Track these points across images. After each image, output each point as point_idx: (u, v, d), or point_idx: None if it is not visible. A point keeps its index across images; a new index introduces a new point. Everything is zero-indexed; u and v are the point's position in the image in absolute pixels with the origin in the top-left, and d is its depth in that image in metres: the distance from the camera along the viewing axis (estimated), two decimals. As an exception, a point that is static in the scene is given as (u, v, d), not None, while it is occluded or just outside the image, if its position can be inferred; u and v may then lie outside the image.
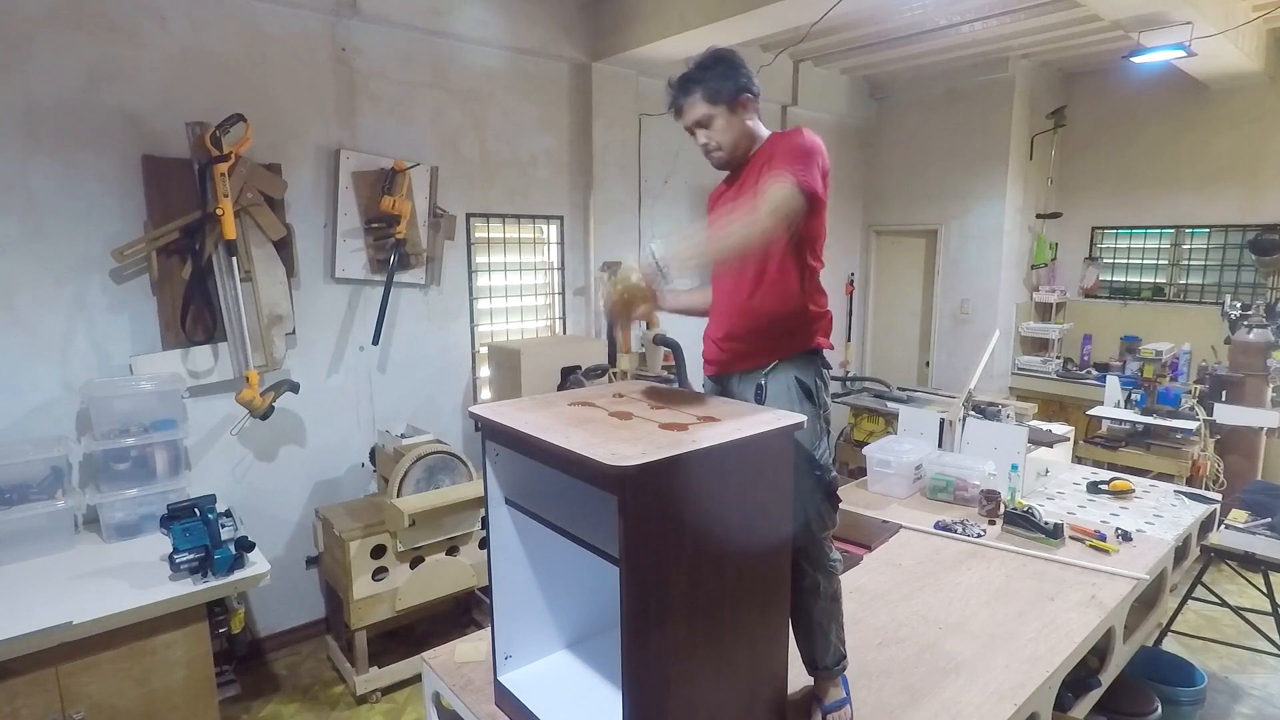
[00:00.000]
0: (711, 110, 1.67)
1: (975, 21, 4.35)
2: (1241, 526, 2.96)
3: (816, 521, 1.65)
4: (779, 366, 1.67)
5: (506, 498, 1.68)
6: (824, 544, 1.69)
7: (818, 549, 1.67)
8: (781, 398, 1.64)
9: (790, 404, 1.62)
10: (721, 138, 1.69)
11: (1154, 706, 2.55)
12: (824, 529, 1.67)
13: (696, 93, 1.66)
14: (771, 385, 1.66)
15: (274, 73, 3.12)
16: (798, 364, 1.66)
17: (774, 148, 1.66)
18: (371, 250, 3.44)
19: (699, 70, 1.67)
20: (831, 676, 1.71)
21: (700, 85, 1.66)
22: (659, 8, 3.70)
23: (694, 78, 1.67)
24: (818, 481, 1.64)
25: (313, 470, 3.44)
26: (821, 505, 1.65)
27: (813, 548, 1.66)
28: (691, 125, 1.71)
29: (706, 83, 1.65)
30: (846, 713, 1.70)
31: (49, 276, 2.72)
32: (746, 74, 1.69)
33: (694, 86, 1.67)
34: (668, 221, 4.74)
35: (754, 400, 1.68)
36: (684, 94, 1.69)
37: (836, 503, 1.69)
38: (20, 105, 2.60)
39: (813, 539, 1.66)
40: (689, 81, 1.67)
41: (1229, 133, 5.03)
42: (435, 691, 1.95)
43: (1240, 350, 4.23)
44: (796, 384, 1.64)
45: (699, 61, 1.69)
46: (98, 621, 2.12)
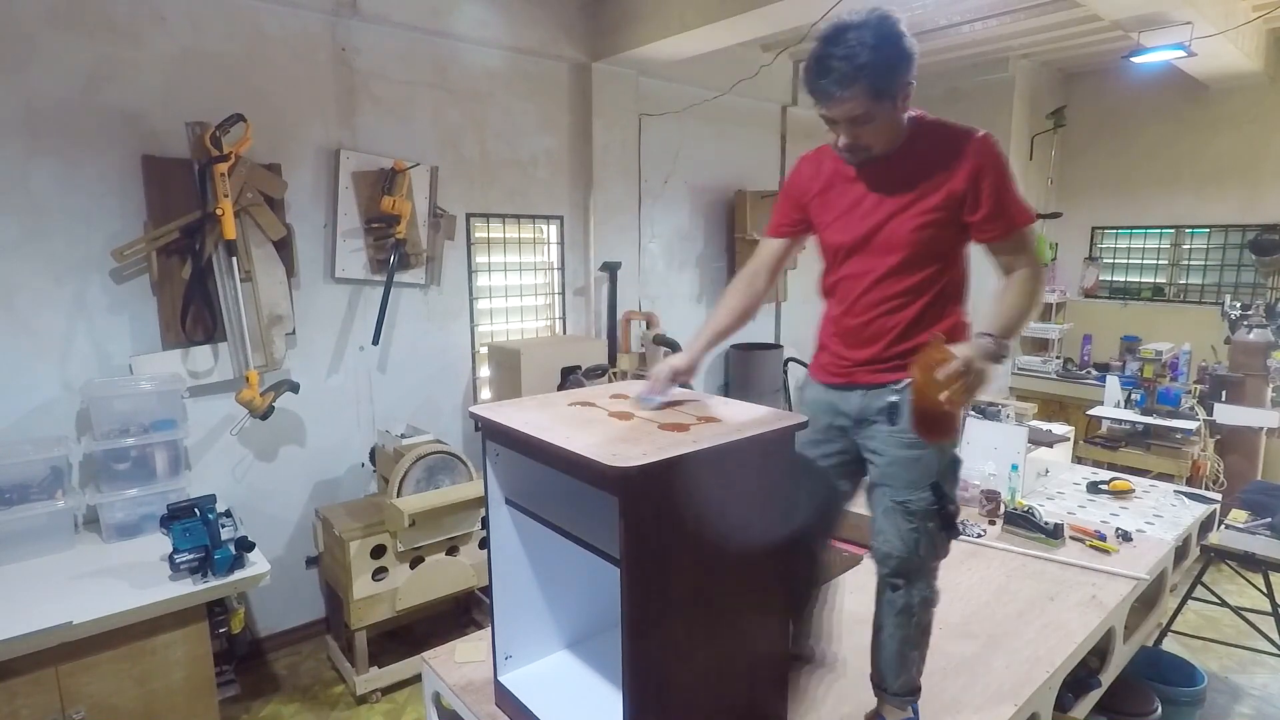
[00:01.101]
0: (875, 108, 1.37)
1: (975, 21, 4.35)
2: (1241, 526, 2.96)
3: (927, 548, 1.56)
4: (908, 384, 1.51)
5: (506, 498, 1.68)
6: (930, 574, 1.62)
7: (921, 575, 1.60)
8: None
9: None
10: (875, 139, 1.44)
11: (1154, 706, 2.55)
12: (934, 557, 1.59)
13: (858, 84, 1.33)
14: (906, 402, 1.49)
15: (274, 73, 3.12)
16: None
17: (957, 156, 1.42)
18: (371, 250, 3.44)
19: (867, 51, 1.31)
20: (900, 703, 1.66)
21: (866, 76, 1.32)
22: (659, 8, 3.70)
23: (861, 64, 1.31)
24: (939, 509, 1.54)
25: (313, 470, 3.44)
26: (937, 533, 1.56)
27: (916, 573, 1.59)
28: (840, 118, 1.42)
29: (875, 74, 1.33)
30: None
31: (49, 276, 2.72)
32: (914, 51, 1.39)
33: (859, 76, 1.32)
34: (668, 221, 4.74)
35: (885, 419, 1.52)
36: (841, 86, 1.34)
37: (955, 535, 1.60)
38: (20, 105, 2.60)
39: (919, 565, 1.58)
40: (850, 70, 1.32)
41: (1229, 133, 5.03)
42: (435, 691, 1.96)
43: (1240, 350, 4.23)
44: None
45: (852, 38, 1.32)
46: (98, 621, 2.12)
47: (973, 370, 1.31)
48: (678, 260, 4.87)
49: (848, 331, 1.59)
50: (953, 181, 1.43)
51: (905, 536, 1.54)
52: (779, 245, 1.74)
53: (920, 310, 1.52)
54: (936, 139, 1.47)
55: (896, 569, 1.58)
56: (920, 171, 1.46)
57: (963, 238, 1.51)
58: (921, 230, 1.47)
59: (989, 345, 1.37)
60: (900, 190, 1.48)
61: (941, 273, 1.52)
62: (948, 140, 1.46)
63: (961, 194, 1.43)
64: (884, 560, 1.59)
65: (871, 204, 1.51)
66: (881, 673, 1.68)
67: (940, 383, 1.31)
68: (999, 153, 1.45)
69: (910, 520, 1.54)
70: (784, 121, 5.32)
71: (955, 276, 1.54)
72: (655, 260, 4.72)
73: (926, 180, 1.45)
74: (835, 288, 1.62)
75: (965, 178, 1.42)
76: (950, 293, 1.54)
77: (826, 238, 1.62)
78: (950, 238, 1.49)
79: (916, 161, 1.47)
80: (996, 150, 1.44)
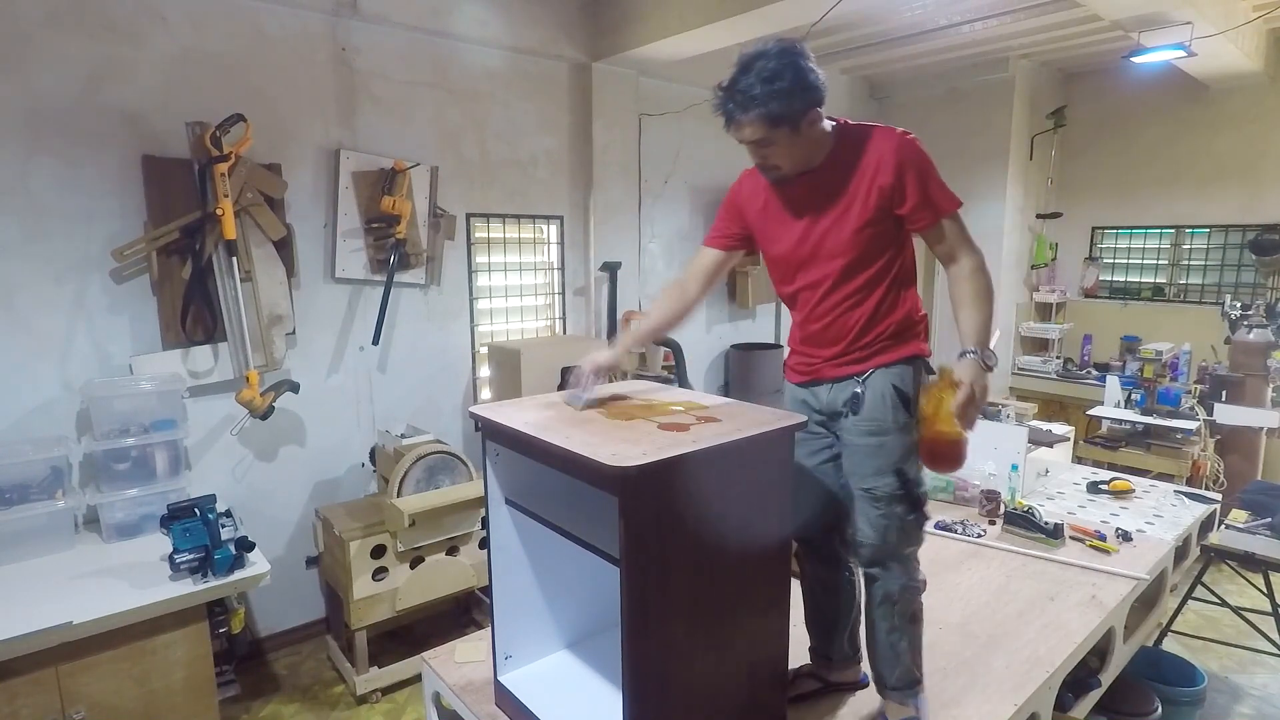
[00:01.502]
0: (772, 134, 1.46)
1: (975, 21, 4.35)
2: (1241, 526, 2.96)
3: (898, 535, 1.59)
4: (875, 374, 1.59)
5: (506, 498, 1.68)
6: (906, 560, 1.62)
7: (897, 563, 1.61)
8: (876, 405, 1.57)
9: (885, 412, 1.56)
10: (782, 160, 1.53)
11: (1154, 706, 2.55)
12: (907, 544, 1.61)
13: (753, 112, 1.43)
14: (868, 392, 1.58)
15: (274, 73, 3.12)
16: (896, 371, 1.58)
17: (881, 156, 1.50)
18: (371, 250, 3.44)
19: (759, 83, 1.41)
20: (900, 698, 1.66)
21: (759, 106, 1.41)
22: (659, 8, 3.70)
23: (752, 95, 1.41)
24: (905, 494, 1.58)
25: (313, 470, 3.44)
26: (905, 518, 1.59)
27: (890, 561, 1.60)
28: (742, 141, 1.53)
29: (767, 104, 1.41)
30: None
31: (49, 276, 2.72)
32: (814, 80, 1.44)
33: (751, 106, 1.42)
34: (668, 221, 4.74)
35: (849, 409, 1.60)
36: (739, 110, 1.45)
37: (924, 520, 1.63)
38: (20, 105, 2.60)
39: (891, 552, 1.60)
40: (745, 99, 1.42)
41: (1229, 133, 5.03)
42: (435, 691, 1.96)
43: (1240, 350, 4.23)
44: (894, 391, 1.57)
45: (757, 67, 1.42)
46: (98, 621, 2.12)
47: (979, 391, 1.44)
48: (678, 260, 4.87)
49: (811, 335, 1.66)
50: (880, 179, 1.50)
51: (875, 523, 1.59)
52: (715, 256, 1.80)
53: (876, 303, 1.59)
54: (860, 143, 1.54)
55: (870, 557, 1.61)
56: (850, 176, 1.53)
57: (899, 229, 1.58)
58: (861, 232, 1.54)
59: (977, 361, 1.48)
60: (835, 197, 1.55)
61: (888, 265, 1.59)
62: (871, 142, 1.53)
63: (890, 189, 1.50)
64: (857, 550, 1.64)
65: (811, 215, 1.58)
66: (878, 669, 1.69)
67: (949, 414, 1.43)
68: (920, 148, 1.53)
69: (877, 506, 1.58)
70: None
71: (902, 264, 1.62)
72: (655, 260, 4.72)
73: (857, 183, 1.52)
74: (794, 298, 1.69)
75: (891, 172, 1.50)
76: (900, 279, 1.62)
77: (773, 253, 1.69)
78: (888, 232, 1.57)
79: (844, 167, 1.54)
80: (917, 146, 1.53)
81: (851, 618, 1.82)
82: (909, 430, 1.58)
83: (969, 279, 1.55)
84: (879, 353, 1.59)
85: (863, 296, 1.58)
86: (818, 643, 1.84)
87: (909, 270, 1.64)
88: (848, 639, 1.82)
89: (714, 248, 1.79)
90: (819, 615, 1.82)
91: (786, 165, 1.54)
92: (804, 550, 1.79)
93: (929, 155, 1.53)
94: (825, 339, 1.63)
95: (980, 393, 1.46)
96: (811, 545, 1.77)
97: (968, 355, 1.50)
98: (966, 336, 1.52)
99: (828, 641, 1.82)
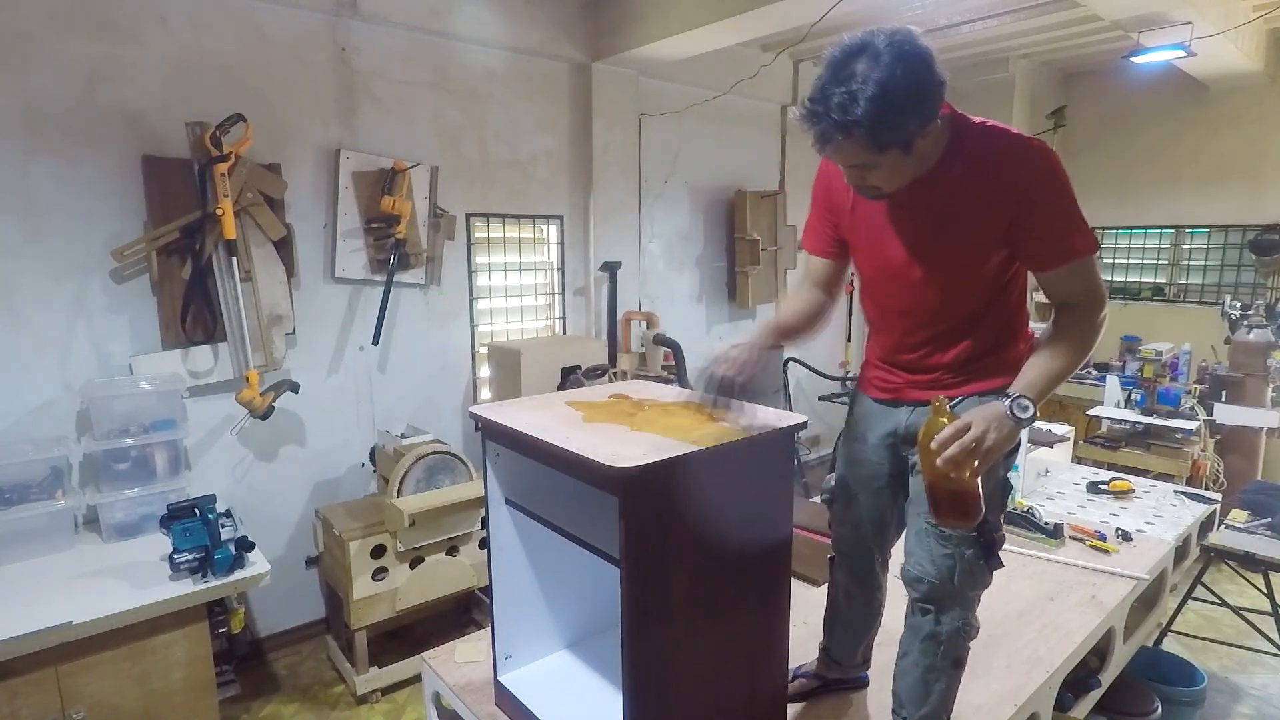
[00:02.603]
0: (877, 158, 1.21)
1: (975, 21, 4.35)
2: (1241, 526, 2.96)
3: (964, 577, 1.41)
4: (966, 401, 1.41)
5: (506, 498, 1.68)
6: (968, 603, 1.46)
7: (955, 604, 1.44)
8: None
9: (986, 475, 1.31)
10: (884, 182, 1.28)
11: (1154, 706, 2.55)
12: (971, 586, 1.43)
13: (853, 136, 1.16)
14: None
15: (274, 73, 3.12)
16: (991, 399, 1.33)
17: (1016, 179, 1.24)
18: (371, 250, 3.44)
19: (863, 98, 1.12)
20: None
21: (863, 129, 1.15)
22: (659, 8, 3.70)
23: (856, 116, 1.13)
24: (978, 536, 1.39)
25: (313, 470, 3.44)
26: (975, 562, 1.40)
27: (949, 600, 1.43)
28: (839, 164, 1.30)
29: (872, 128, 1.14)
30: None
31: (49, 276, 2.72)
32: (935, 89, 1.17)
33: (853, 129, 1.15)
34: (668, 221, 4.74)
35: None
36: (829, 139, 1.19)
37: (994, 565, 1.43)
38: (20, 105, 2.60)
39: (953, 593, 1.42)
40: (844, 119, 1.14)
41: (1229, 133, 5.03)
42: (435, 691, 1.96)
43: (1240, 350, 4.23)
44: None
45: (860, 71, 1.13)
46: (98, 621, 2.12)
47: (974, 438, 1.20)
48: (678, 260, 4.87)
49: (900, 365, 1.50)
50: (1001, 204, 1.26)
51: (938, 562, 1.41)
52: (825, 264, 1.59)
53: (970, 349, 1.40)
54: (989, 154, 1.27)
55: (927, 594, 1.44)
56: (971, 193, 1.28)
57: (1013, 265, 1.35)
58: (976, 261, 1.33)
59: (1003, 407, 1.23)
60: (950, 216, 1.31)
61: (1000, 299, 1.38)
62: (1004, 157, 1.27)
63: (1011, 219, 1.26)
64: (913, 584, 1.46)
65: (917, 232, 1.35)
66: (900, 699, 1.54)
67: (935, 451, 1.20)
68: (1060, 171, 1.27)
69: (945, 545, 1.40)
70: (784, 121, 5.31)
71: (1010, 305, 1.39)
72: (655, 260, 4.72)
73: (980, 205, 1.28)
74: (880, 321, 1.52)
75: (1016, 200, 1.25)
76: (1007, 323, 1.41)
77: (865, 267, 1.50)
78: (999, 267, 1.34)
79: (956, 179, 1.28)
80: (1053, 165, 1.26)
81: (872, 630, 1.77)
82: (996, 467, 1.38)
83: (1072, 330, 1.31)
84: (974, 378, 1.42)
85: (958, 337, 1.40)
86: (831, 645, 1.81)
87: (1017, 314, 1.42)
88: (862, 650, 1.79)
89: (818, 255, 1.58)
90: (838, 621, 1.79)
91: (889, 186, 1.29)
92: (840, 561, 1.74)
93: (1064, 176, 1.27)
94: (916, 367, 1.46)
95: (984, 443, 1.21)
96: (848, 559, 1.71)
97: (1004, 396, 1.27)
98: (1023, 375, 1.30)
99: (842, 648, 1.78)
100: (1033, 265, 1.33)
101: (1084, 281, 1.30)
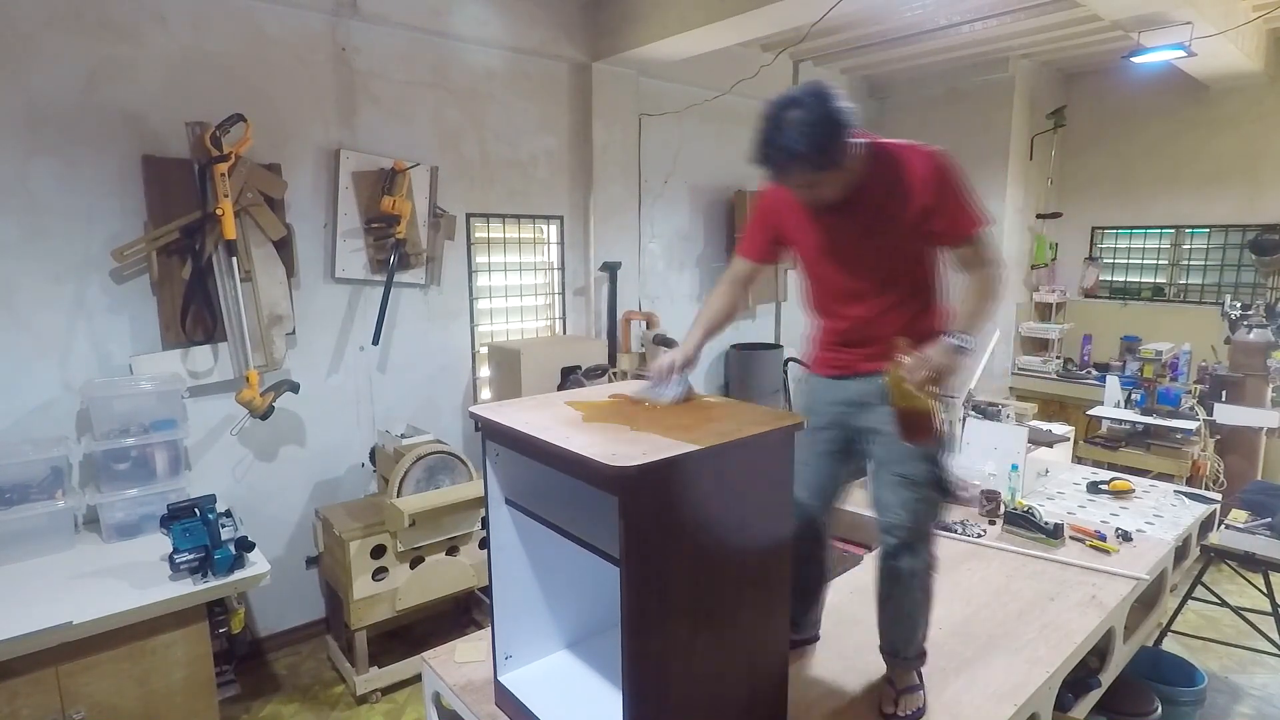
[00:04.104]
0: (820, 177, 1.53)
1: (975, 21, 4.35)
2: (1241, 526, 2.96)
3: (929, 514, 1.72)
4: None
5: (506, 498, 1.68)
6: (930, 539, 1.74)
7: (924, 541, 1.72)
8: None
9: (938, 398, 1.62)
10: (829, 192, 1.59)
11: (1154, 706, 2.55)
12: (934, 521, 1.75)
13: (801, 165, 1.50)
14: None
15: (274, 73, 3.12)
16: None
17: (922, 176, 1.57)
18: (371, 250, 3.44)
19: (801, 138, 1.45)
20: (910, 666, 1.77)
21: (805, 160, 1.48)
22: (659, 8, 3.70)
23: (795, 151, 1.47)
24: (937, 478, 1.70)
25: (313, 470, 3.44)
26: (937, 502, 1.72)
27: (920, 540, 1.71)
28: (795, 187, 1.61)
29: (813, 158, 1.48)
30: (921, 698, 1.75)
31: (49, 276, 2.72)
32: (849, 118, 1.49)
33: (795, 163, 1.49)
34: (668, 221, 4.74)
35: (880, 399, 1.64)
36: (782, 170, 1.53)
37: (951, 500, 1.79)
38: (20, 105, 2.60)
39: (923, 532, 1.71)
40: (790, 155, 1.48)
41: (1229, 133, 5.03)
42: (435, 691, 1.96)
43: (1240, 350, 4.23)
44: None
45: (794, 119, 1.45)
46: (98, 621, 2.12)
47: (935, 366, 1.51)
48: (678, 260, 4.87)
49: (850, 340, 1.76)
50: (915, 198, 1.59)
51: (909, 505, 1.67)
52: (752, 267, 1.88)
53: (913, 311, 1.70)
54: (898, 162, 1.60)
55: (905, 538, 1.69)
56: (890, 194, 1.60)
57: (929, 243, 1.68)
58: (898, 246, 1.65)
59: (950, 342, 1.56)
60: (876, 215, 1.63)
61: (922, 278, 1.70)
62: (909, 161, 1.60)
63: (925, 207, 1.59)
64: (892, 530, 1.70)
65: (852, 231, 1.66)
66: (894, 642, 1.77)
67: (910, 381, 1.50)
68: (950, 167, 1.60)
69: (914, 490, 1.67)
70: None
71: (931, 275, 1.73)
72: (655, 260, 4.72)
73: (897, 201, 1.60)
74: (830, 309, 1.79)
75: (925, 192, 1.58)
76: (931, 288, 1.73)
77: (814, 265, 1.77)
78: (923, 247, 1.68)
79: (879, 184, 1.60)
80: (948, 165, 1.60)
81: (823, 590, 2.00)
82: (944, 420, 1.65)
83: (980, 282, 1.64)
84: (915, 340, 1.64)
85: (901, 304, 1.69)
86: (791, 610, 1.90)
87: (936, 280, 1.74)
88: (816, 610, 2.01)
89: (752, 260, 1.87)
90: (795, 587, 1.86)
91: (833, 195, 1.60)
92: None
93: (960, 172, 1.61)
94: (864, 340, 1.72)
95: (941, 368, 1.53)
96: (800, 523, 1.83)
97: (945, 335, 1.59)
98: (955, 320, 1.64)
99: (799, 610, 1.94)
100: (943, 241, 1.66)
101: (982, 251, 1.64)
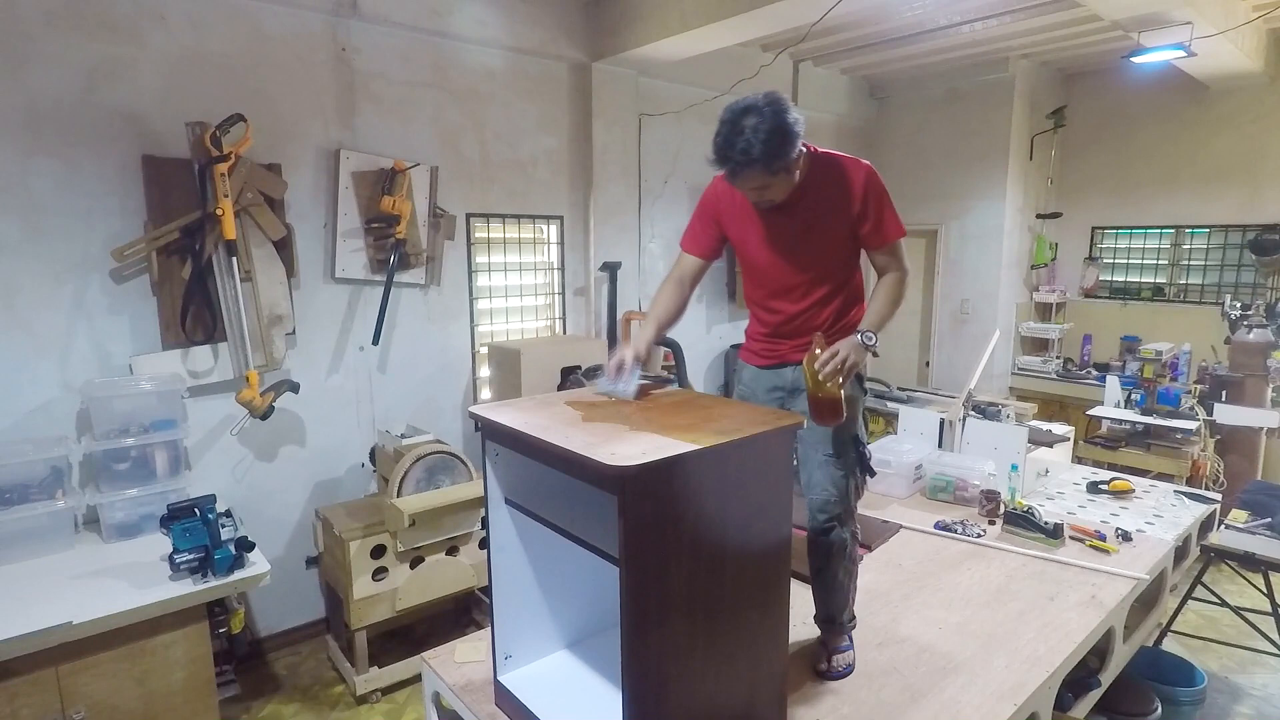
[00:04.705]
0: (772, 180, 1.68)
1: (975, 21, 4.35)
2: (1241, 526, 2.96)
3: (854, 489, 1.91)
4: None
5: (506, 498, 1.68)
6: (853, 513, 1.94)
7: (850, 514, 1.91)
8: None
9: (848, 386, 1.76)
10: (777, 195, 1.75)
11: (1154, 706, 2.55)
12: (858, 496, 1.95)
13: (754, 169, 1.64)
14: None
15: (274, 73, 3.12)
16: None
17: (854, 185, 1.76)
18: (371, 250, 3.44)
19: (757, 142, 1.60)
20: (844, 630, 1.96)
21: (759, 164, 1.62)
22: (659, 8, 3.70)
23: (752, 155, 1.61)
24: (860, 455, 1.90)
25: (313, 470, 3.44)
26: (860, 476, 1.92)
27: (847, 513, 1.90)
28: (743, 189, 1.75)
29: (768, 161, 1.62)
30: (850, 655, 1.95)
31: (49, 276, 2.72)
32: (799, 127, 1.65)
33: (752, 165, 1.63)
34: (667, 221, 4.74)
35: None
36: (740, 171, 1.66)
37: (870, 474, 1.97)
38: (20, 105, 2.60)
39: (850, 506, 1.91)
40: (747, 159, 1.62)
41: (1229, 133, 5.03)
42: (435, 691, 1.96)
43: (1240, 350, 4.23)
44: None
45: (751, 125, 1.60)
46: (97, 621, 2.12)
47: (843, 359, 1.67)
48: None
49: (783, 331, 1.93)
50: (850, 205, 1.79)
51: (838, 483, 1.87)
52: (700, 264, 2.01)
53: (839, 305, 1.89)
54: (834, 171, 1.79)
55: (833, 513, 1.88)
56: (826, 200, 1.79)
57: (857, 247, 1.88)
58: (834, 247, 1.84)
59: (857, 339, 1.73)
60: (813, 217, 1.81)
61: (848, 276, 1.90)
62: (844, 172, 1.79)
63: (856, 214, 1.80)
64: (824, 507, 1.89)
65: (790, 231, 1.83)
66: (830, 609, 1.95)
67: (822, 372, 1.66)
68: (880, 180, 1.81)
69: (840, 469, 1.87)
70: (784, 121, 5.32)
71: (857, 276, 1.93)
72: (655, 260, 4.72)
73: (832, 206, 1.80)
74: (768, 301, 1.94)
75: (859, 201, 1.78)
76: (855, 288, 1.93)
77: (754, 261, 1.92)
78: (851, 249, 1.87)
79: (818, 190, 1.79)
80: (879, 178, 1.81)
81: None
82: (858, 403, 1.89)
83: (891, 286, 1.85)
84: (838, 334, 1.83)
85: (830, 299, 1.88)
86: None
87: (860, 281, 1.94)
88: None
89: (698, 256, 2.00)
90: None
91: (780, 197, 1.76)
92: None
93: (884, 186, 1.82)
94: (795, 333, 1.90)
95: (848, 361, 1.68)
96: None
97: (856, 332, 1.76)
98: (863, 321, 1.81)
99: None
100: (869, 243, 1.86)
101: (897, 257, 1.87)
